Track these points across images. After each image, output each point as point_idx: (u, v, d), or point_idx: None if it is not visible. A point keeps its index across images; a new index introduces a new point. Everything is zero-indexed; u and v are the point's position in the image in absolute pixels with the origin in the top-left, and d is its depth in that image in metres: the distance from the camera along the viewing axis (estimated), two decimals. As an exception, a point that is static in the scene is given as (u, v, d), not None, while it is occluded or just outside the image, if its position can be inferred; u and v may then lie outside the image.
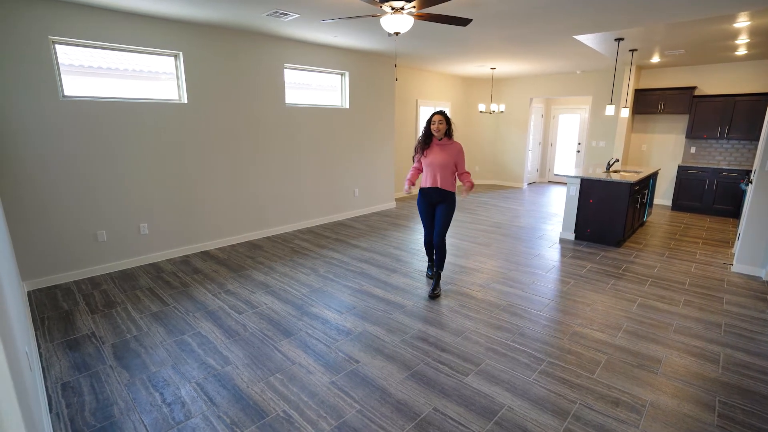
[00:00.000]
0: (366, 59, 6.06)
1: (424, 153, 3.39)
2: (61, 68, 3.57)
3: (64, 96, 3.57)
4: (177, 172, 4.33)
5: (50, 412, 2.06)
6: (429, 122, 3.33)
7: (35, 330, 2.89)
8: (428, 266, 3.93)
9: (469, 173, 3.42)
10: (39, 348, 2.66)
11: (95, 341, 2.74)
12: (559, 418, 2.03)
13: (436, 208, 3.47)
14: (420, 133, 3.50)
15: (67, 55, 3.60)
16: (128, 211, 4.04)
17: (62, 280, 3.74)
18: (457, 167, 3.39)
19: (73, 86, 3.65)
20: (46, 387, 2.26)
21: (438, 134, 3.31)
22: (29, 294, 3.49)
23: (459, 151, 3.36)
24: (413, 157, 3.53)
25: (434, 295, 3.44)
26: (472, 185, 3.38)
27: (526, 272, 4.03)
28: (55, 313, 3.15)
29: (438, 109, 3.38)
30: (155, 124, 4.09)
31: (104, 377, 2.36)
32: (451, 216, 3.44)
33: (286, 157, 5.29)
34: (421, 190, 3.49)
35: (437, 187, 3.37)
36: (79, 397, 2.18)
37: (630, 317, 3.10)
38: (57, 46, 3.51)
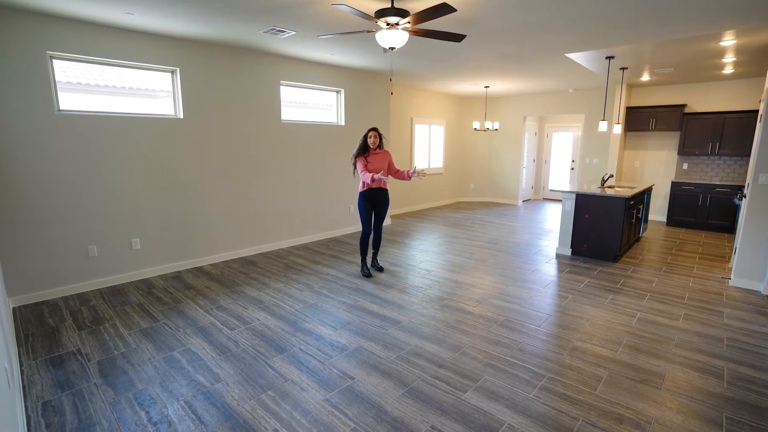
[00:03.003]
0: (361, 77, 6.14)
1: (368, 161, 4.03)
2: (59, 85, 3.58)
3: (59, 110, 3.56)
4: (171, 188, 4.29)
5: (28, 433, 1.96)
6: (365, 137, 4.05)
7: (18, 347, 2.78)
8: (363, 263, 4.36)
9: (396, 169, 4.21)
10: (21, 366, 2.55)
11: (80, 358, 2.65)
12: (561, 435, 1.96)
13: (376, 205, 4.18)
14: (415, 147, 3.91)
15: (65, 72, 3.61)
16: (120, 225, 3.98)
17: (50, 296, 3.64)
18: (390, 168, 4.16)
19: (70, 103, 3.65)
20: (26, 406, 2.16)
21: (373, 146, 4.04)
22: (15, 310, 3.39)
23: (390, 155, 4.20)
24: (355, 164, 4.08)
25: (381, 267, 4.45)
26: (407, 171, 4.11)
27: (523, 287, 3.98)
28: (41, 329, 3.05)
29: (372, 126, 4.18)
30: (150, 139, 4.08)
31: (88, 395, 2.26)
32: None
33: (281, 174, 5.29)
34: (366, 192, 4.09)
35: (381, 188, 4.15)
36: (60, 417, 2.08)
37: (630, 332, 3.05)
38: (54, 62, 3.52)
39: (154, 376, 2.45)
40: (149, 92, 4.16)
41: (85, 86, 3.77)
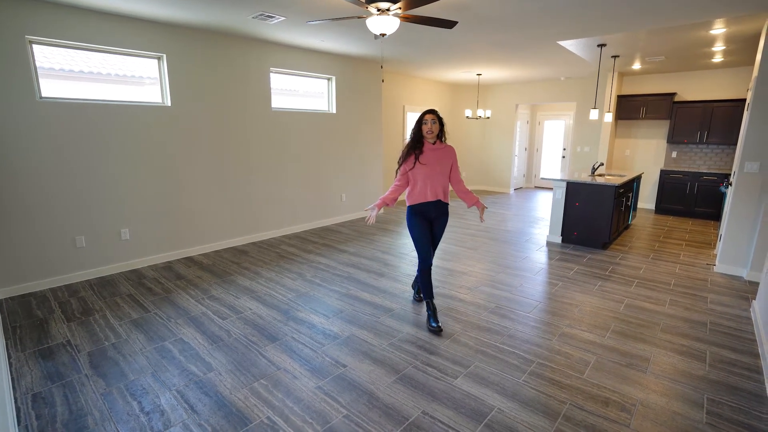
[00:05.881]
0: (353, 64, 6.06)
1: (419, 161, 2.79)
2: (41, 72, 3.47)
3: (41, 97, 3.46)
4: (160, 176, 4.23)
5: (18, 425, 1.95)
6: (419, 123, 2.80)
7: (6, 339, 2.75)
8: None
9: (462, 182, 3.02)
10: (9, 358, 2.53)
11: (70, 350, 2.63)
12: (549, 419, 2.00)
13: (432, 223, 2.95)
14: (407, 138, 2.95)
15: (46, 58, 3.50)
16: (109, 215, 3.92)
17: (37, 287, 3.59)
18: (452, 175, 2.94)
19: (53, 90, 3.55)
20: (15, 398, 2.15)
21: (431, 137, 2.81)
22: (1, 302, 3.34)
23: (454, 155, 2.92)
24: (397, 170, 2.91)
25: (438, 328, 2.85)
26: (478, 200, 3.02)
27: (514, 275, 4.02)
28: (28, 321, 3.02)
29: (429, 108, 2.83)
30: (137, 127, 4.00)
31: (79, 387, 2.25)
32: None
33: (272, 162, 5.23)
34: (417, 206, 2.88)
35: (439, 200, 2.88)
36: (51, 408, 2.07)
37: (617, 317, 3.11)
38: (34, 46, 3.41)
39: (145, 366, 2.45)
40: (135, 79, 4.06)
41: (68, 73, 3.66)
